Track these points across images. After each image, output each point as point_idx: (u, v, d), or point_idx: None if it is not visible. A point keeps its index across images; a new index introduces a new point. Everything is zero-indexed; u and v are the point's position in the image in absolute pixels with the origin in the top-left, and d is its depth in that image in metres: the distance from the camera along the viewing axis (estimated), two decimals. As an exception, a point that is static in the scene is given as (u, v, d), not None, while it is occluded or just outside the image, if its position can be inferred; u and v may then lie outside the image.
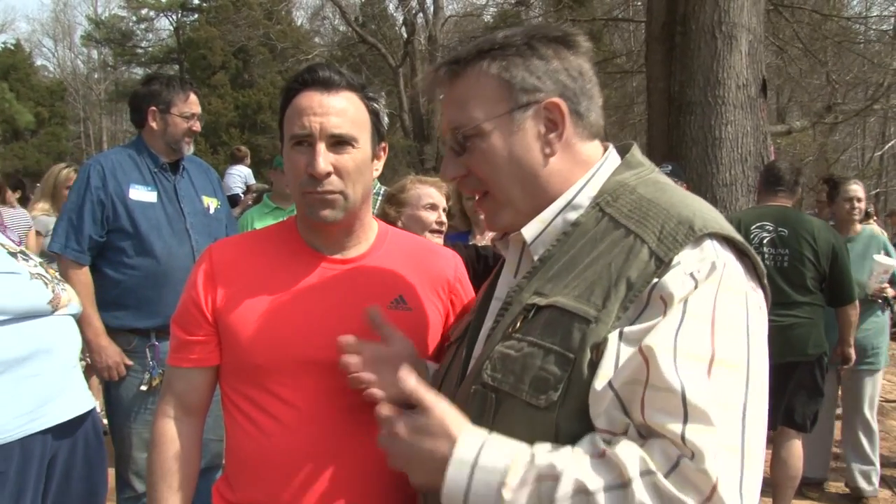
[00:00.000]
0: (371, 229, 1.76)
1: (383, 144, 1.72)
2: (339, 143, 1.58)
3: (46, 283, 2.46)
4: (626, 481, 1.03)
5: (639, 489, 1.02)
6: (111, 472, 3.61)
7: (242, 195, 9.19)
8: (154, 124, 3.56)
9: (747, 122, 6.18)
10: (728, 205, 6.11)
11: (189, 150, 3.63)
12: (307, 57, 29.34)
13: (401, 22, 29.44)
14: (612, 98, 17.76)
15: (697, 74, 6.17)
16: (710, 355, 1.08)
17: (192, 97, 3.62)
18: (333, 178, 1.57)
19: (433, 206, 3.20)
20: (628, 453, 1.05)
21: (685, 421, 1.03)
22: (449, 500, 1.14)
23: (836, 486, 5.38)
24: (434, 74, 1.36)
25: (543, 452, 1.11)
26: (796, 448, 4.52)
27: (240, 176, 10.25)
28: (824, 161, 22.12)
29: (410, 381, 1.23)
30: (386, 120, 1.72)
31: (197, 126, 3.61)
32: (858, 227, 5.24)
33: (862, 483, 5.12)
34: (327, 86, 1.59)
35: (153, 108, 3.56)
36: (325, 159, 1.55)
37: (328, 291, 1.64)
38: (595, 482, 1.05)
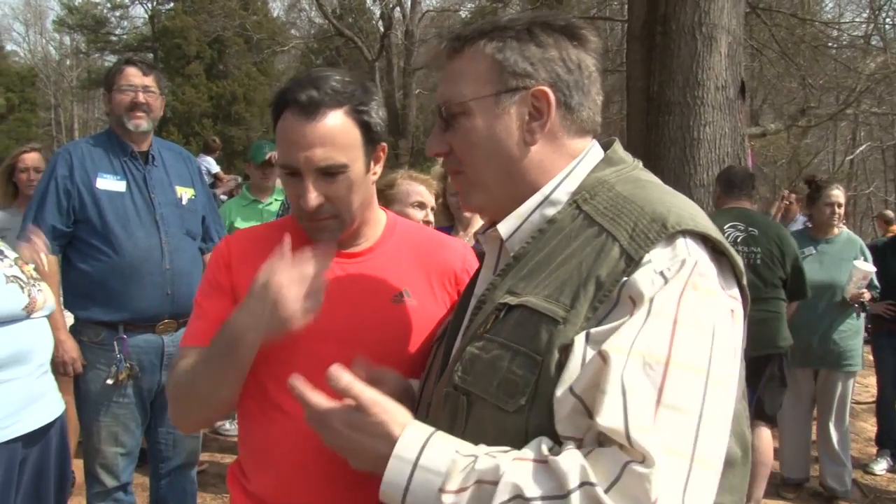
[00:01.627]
0: (378, 223, 1.76)
1: (382, 145, 1.67)
2: (327, 172, 1.54)
3: (22, 287, 2.40)
4: (565, 492, 1.00)
5: (577, 501, 0.99)
6: (80, 465, 3.56)
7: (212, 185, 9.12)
8: (107, 108, 3.55)
9: (725, 123, 6.20)
10: (705, 205, 6.12)
11: (142, 126, 3.47)
12: (283, 49, 29.14)
13: (378, 16, 29.30)
14: (589, 97, 17.77)
15: (677, 75, 6.18)
16: (667, 357, 1.04)
17: (129, 69, 3.50)
18: (326, 206, 1.56)
19: (421, 205, 3.18)
20: (571, 463, 1.01)
21: (628, 424, 1.00)
22: (387, 498, 1.12)
23: (814, 487, 5.42)
24: (437, 48, 1.35)
25: (486, 455, 1.08)
26: (766, 434, 4.69)
27: (203, 166, 10.20)
28: (797, 164, 22.36)
29: (343, 378, 1.19)
30: (380, 123, 1.64)
31: (140, 97, 3.46)
32: (836, 229, 5.30)
33: (834, 484, 5.19)
34: (309, 111, 1.52)
35: (104, 92, 3.55)
36: (314, 194, 1.54)
37: (336, 286, 1.63)
38: (533, 490, 1.02)
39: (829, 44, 15.02)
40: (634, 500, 0.97)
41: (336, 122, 1.55)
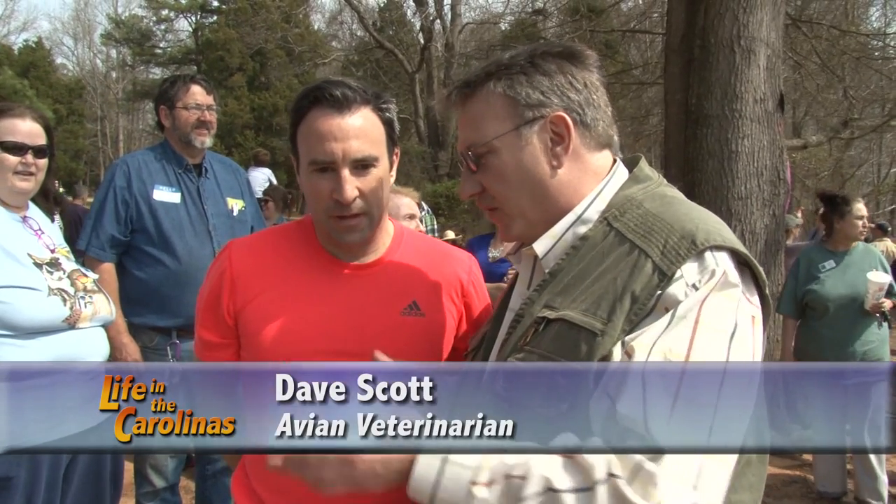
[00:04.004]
0: (387, 233, 1.76)
1: (396, 150, 1.71)
2: (361, 165, 1.58)
3: (65, 300, 2.45)
4: (592, 484, 1.05)
5: (602, 494, 1.04)
6: (128, 467, 3.67)
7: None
8: (166, 122, 3.63)
9: (764, 136, 6.18)
10: (743, 218, 6.12)
11: (206, 142, 3.63)
12: (324, 61, 29.47)
13: (418, 28, 29.51)
14: (628, 109, 17.76)
15: (715, 88, 6.17)
16: (686, 354, 1.12)
17: (194, 88, 3.63)
18: (358, 201, 1.58)
19: (412, 217, 3.22)
20: (596, 455, 1.07)
21: (646, 412, 1.07)
22: (416, 493, 1.13)
23: (850, 501, 5.34)
24: (447, 99, 1.42)
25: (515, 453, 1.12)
26: None
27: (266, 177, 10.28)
28: (839, 176, 22.03)
29: None
30: (397, 125, 1.71)
31: (207, 116, 3.61)
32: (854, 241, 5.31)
33: (870, 498, 5.14)
34: (342, 106, 1.56)
35: (162, 107, 3.64)
36: (350, 185, 1.56)
37: (345, 297, 1.66)
38: (563, 482, 1.06)
39: (875, 54, 14.81)
40: (650, 493, 1.04)
41: (367, 117, 1.59)
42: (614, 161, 1.43)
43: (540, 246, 1.37)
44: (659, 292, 1.19)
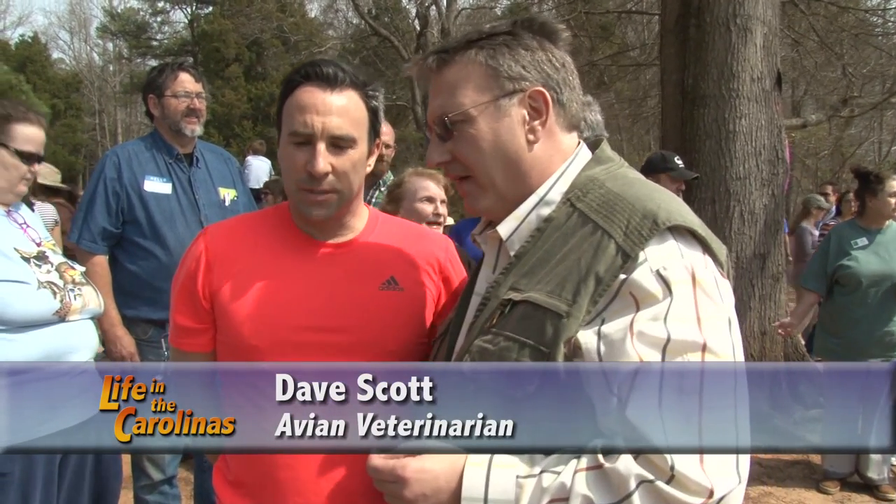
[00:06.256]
0: (362, 216, 1.79)
1: (378, 141, 1.74)
2: (338, 143, 1.60)
3: (55, 293, 2.45)
4: (626, 495, 1.08)
5: (637, 500, 1.08)
6: (126, 460, 3.66)
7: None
8: (155, 112, 3.61)
9: (761, 115, 6.15)
10: (741, 198, 6.09)
11: (196, 131, 3.61)
12: (320, 49, 29.35)
13: (414, 14, 29.37)
14: (625, 91, 17.67)
15: (711, 67, 6.14)
16: (702, 345, 1.14)
17: (183, 76, 3.60)
18: (330, 177, 1.60)
19: (429, 199, 3.22)
20: (628, 466, 1.10)
21: (664, 420, 1.10)
22: None
23: (853, 479, 5.35)
24: (423, 63, 1.41)
25: (548, 473, 1.15)
26: None
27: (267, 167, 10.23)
28: (840, 155, 21.96)
29: (373, 461, 1.22)
30: (382, 116, 1.73)
31: (196, 104, 3.58)
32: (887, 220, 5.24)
33: (873, 475, 5.15)
34: (330, 83, 1.60)
35: (151, 96, 3.61)
36: (324, 160, 1.58)
37: (321, 274, 1.68)
38: (601, 498, 1.10)
39: (875, 30, 14.72)
40: (697, 486, 1.08)
41: (353, 99, 1.62)
42: (578, 143, 1.44)
43: (504, 228, 1.37)
44: (622, 276, 1.19)
